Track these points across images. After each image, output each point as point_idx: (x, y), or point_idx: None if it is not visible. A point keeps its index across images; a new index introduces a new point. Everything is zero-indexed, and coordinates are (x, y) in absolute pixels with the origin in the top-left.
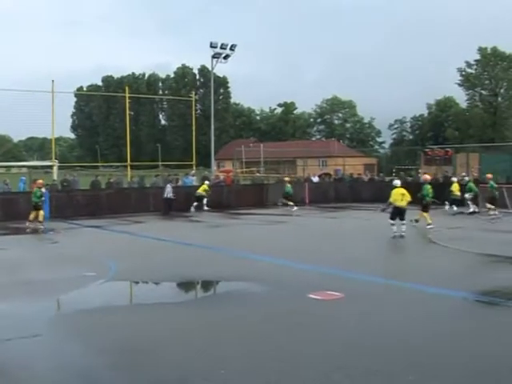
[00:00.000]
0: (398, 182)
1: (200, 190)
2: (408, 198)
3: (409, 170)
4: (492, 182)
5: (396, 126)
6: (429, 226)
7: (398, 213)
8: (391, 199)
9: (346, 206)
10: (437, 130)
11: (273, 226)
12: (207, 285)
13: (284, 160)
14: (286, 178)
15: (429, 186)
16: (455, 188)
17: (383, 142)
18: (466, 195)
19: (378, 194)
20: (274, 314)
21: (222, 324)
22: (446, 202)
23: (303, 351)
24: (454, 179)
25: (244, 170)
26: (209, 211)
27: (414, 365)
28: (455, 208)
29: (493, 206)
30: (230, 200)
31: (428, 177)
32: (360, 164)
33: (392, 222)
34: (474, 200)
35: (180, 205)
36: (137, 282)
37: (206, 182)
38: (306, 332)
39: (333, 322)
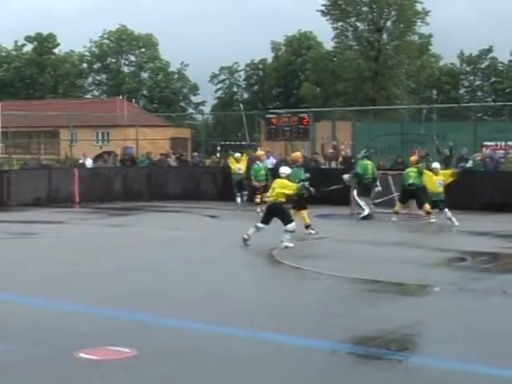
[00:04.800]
0: (285, 170)
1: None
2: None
3: (241, 146)
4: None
5: (222, 77)
6: None
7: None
8: None
9: (142, 206)
10: (287, 84)
11: (17, 241)
12: None
13: (39, 130)
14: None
15: None
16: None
17: (202, 104)
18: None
19: (192, 187)
20: None
21: None
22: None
23: None
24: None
25: None
26: None
27: None
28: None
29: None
30: None
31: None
32: (165, 138)
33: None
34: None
35: None
36: None
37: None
38: None
39: None
